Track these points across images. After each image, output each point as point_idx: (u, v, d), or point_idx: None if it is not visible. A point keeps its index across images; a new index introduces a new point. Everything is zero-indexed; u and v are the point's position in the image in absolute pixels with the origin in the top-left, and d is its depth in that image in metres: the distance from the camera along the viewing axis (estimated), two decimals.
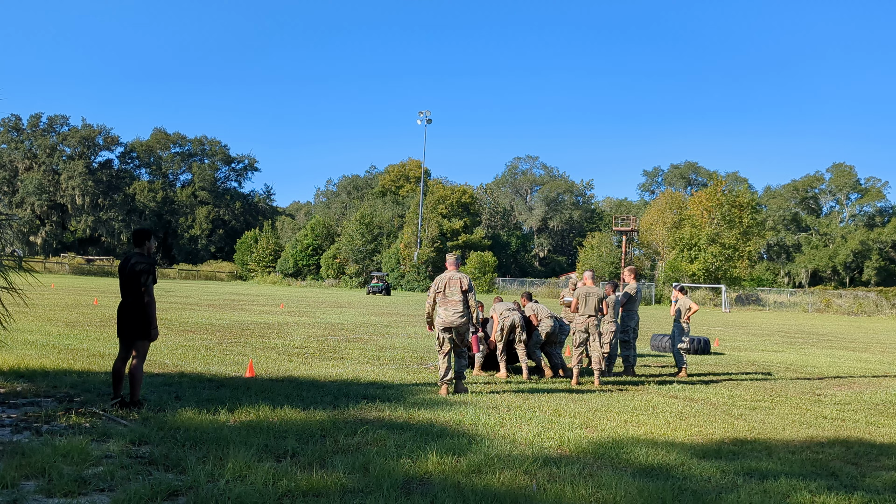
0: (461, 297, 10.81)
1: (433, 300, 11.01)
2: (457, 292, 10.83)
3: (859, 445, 8.39)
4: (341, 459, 6.45)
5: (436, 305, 11.00)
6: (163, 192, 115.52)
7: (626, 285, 14.61)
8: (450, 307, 10.82)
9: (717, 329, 31.50)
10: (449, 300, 10.85)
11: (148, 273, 8.28)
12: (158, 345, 14.59)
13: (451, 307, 10.81)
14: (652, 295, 71.13)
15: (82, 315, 21.73)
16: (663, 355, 18.29)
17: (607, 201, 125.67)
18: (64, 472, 5.75)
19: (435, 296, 10.98)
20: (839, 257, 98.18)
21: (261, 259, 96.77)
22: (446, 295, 10.88)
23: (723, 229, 72.77)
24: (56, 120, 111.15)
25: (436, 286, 10.98)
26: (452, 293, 10.85)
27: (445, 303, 10.86)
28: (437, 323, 10.94)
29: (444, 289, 10.91)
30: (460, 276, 10.90)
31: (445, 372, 10.79)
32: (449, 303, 10.84)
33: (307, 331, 20.30)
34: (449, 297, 10.86)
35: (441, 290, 10.93)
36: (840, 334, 31.85)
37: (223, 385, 10.22)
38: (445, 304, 10.86)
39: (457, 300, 10.81)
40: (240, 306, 31.70)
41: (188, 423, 7.60)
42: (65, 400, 8.69)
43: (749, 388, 12.97)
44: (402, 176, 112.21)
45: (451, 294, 10.85)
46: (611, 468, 6.75)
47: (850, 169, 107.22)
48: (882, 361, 19.39)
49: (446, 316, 10.80)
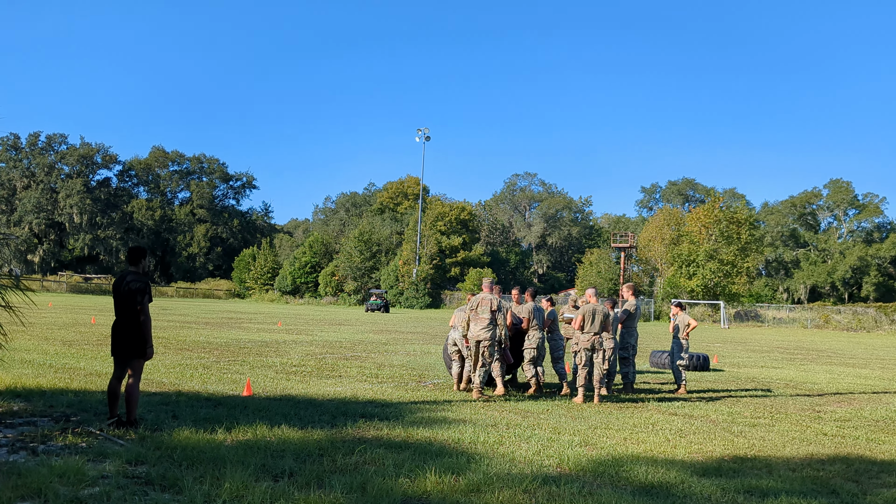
0: (490, 315, 12.17)
1: (468, 317, 12.40)
2: (486, 311, 12.22)
3: (860, 462, 8.35)
4: (339, 479, 6.40)
5: (470, 322, 12.37)
6: (161, 210, 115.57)
7: (624, 302, 14.58)
8: (479, 323, 12.21)
9: (716, 345, 31.45)
10: (479, 317, 12.24)
11: (143, 292, 8.25)
12: (155, 363, 14.54)
13: (480, 323, 12.20)
14: (651, 311, 71.11)
15: (79, 334, 21.67)
16: (662, 372, 18.24)
17: (605, 218, 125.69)
18: (60, 493, 5.71)
19: (469, 313, 12.40)
20: (838, 273, 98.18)
21: (259, 277, 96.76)
22: (478, 312, 12.29)
23: (721, 245, 72.78)
24: (54, 138, 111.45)
25: (471, 305, 12.46)
26: (483, 311, 12.25)
27: (476, 319, 12.27)
28: (469, 336, 12.35)
29: (477, 307, 12.36)
30: (491, 298, 12.30)
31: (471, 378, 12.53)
32: (479, 319, 12.23)
33: (305, 349, 20.24)
34: (480, 315, 12.25)
35: (475, 307, 12.37)
36: (839, 350, 31.81)
37: (220, 404, 10.16)
38: (476, 320, 12.27)
39: (485, 318, 12.17)
40: (237, 324, 31.63)
41: (185, 442, 7.55)
42: (61, 420, 8.64)
43: (749, 404, 12.92)
44: (400, 193, 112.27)
45: (482, 312, 12.26)
46: (610, 486, 6.71)
47: (848, 185, 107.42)
48: (882, 378, 19.34)
49: (475, 330, 12.21)
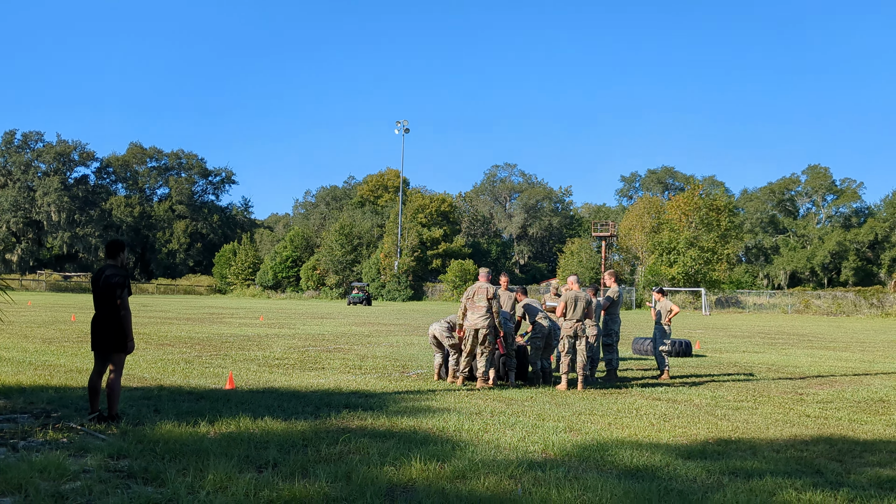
0: (486, 303, 12.21)
1: (464, 306, 12.40)
2: (483, 299, 12.25)
3: (843, 443, 8.40)
4: (324, 468, 6.36)
5: (467, 311, 12.38)
6: (140, 206, 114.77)
7: (607, 289, 14.61)
8: (476, 311, 12.25)
9: (698, 332, 31.62)
10: (476, 305, 12.28)
11: (122, 285, 8.16)
12: (137, 358, 14.43)
13: (477, 311, 12.24)
14: (632, 299, 71.43)
15: (59, 331, 21.48)
16: (645, 358, 18.31)
17: (586, 207, 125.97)
18: (41, 488, 5.64)
19: (466, 302, 12.41)
20: (817, 258, 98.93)
21: (240, 272, 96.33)
22: (475, 301, 12.33)
23: (701, 233, 73.20)
24: (31, 136, 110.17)
25: (466, 294, 12.52)
26: (479, 299, 12.29)
27: (473, 308, 12.32)
28: (466, 325, 12.36)
29: (474, 296, 12.37)
30: (487, 286, 12.33)
31: (464, 368, 12.49)
32: (476, 308, 12.28)
33: (287, 342, 20.16)
34: (477, 303, 12.29)
35: (471, 296, 12.40)
36: (820, 334, 32.07)
37: (203, 397, 10.09)
38: (473, 308, 12.31)
39: (482, 306, 12.23)
40: (219, 319, 31.47)
41: (167, 435, 7.48)
42: (42, 416, 8.54)
43: (732, 388, 12.99)
44: (380, 186, 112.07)
45: (479, 300, 12.28)
46: (596, 471, 6.71)
47: (826, 171, 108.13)
48: (862, 360, 19.51)
49: (473, 318, 12.24)
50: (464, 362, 12.44)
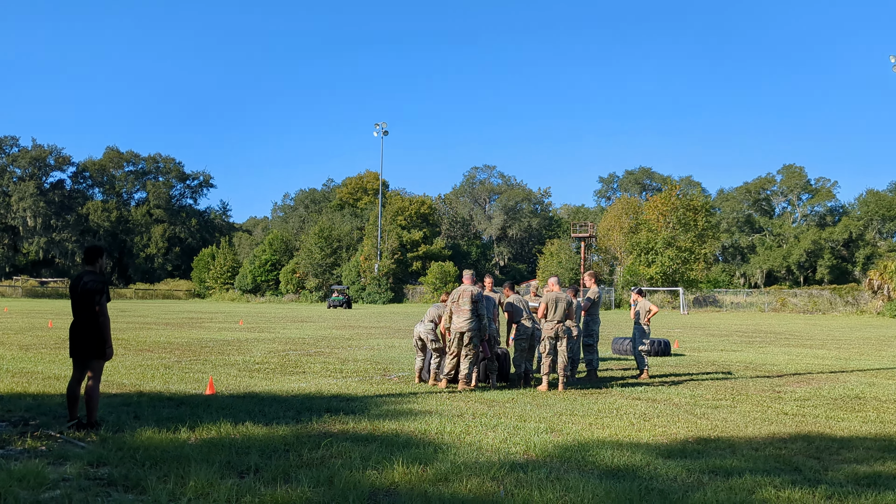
0: (471, 306, 12.22)
1: (450, 310, 12.39)
2: (467, 302, 12.25)
3: (820, 440, 8.49)
4: (306, 473, 6.36)
5: (452, 315, 12.38)
6: (117, 211, 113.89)
7: (586, 290, 14.67)
8: (462, 314, 12.24)
9: (677, 331, 31.81)
10: (461, 308, 12.27)
11: (101, 291, 8.12)
12: (116, 364, 14.33)
13: (462, 315, 12.23)
14: (611, 299, 71.76)
15: (36, 338, 21.28)
16: (625, 358, 18.40)
17: (565, 208, 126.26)
18: (20, 497, 5.59)
19: (452, 305, 12.39)
20: (793, 257, 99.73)
21: (218, 276, 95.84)
22: (459, 304, 12.31)
23: (678, 233, 73.64)
24: (5, 141, 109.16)
25: (451, 298, 12.50)
26: (464, 303, 12.27)
27: (458, 311, 12.31)
28: (452, 329, 12.35)
29: (458, 299, 12.35)
30: (472, 289, 12.36)
31: (449, 370, 12.42)
32: (461, 311, 12.27)
33: (268, 346, 20.08)
34: (461, 307, 12.28)
35: (456, 300, 12.38)
36: (797, 332, 32.35)
37: (183, 403, 10.04)
38: (458, 312, 12.30)
39: (467, 309, 12.23)
40: (198, 324, 31.30)
41: (148, 442, 7.44)
42: (20, 424, 8.46)
43: (710, 387, 13.08)
44: (359, 188, 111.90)
45: (464, 304, 12.27)
46: (577, 471, 6.74)
47: (801, 170, 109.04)
48: (839, 357, 19.70)
49: (458, 322, 12.23)
50: (449, 365, 12.44)
